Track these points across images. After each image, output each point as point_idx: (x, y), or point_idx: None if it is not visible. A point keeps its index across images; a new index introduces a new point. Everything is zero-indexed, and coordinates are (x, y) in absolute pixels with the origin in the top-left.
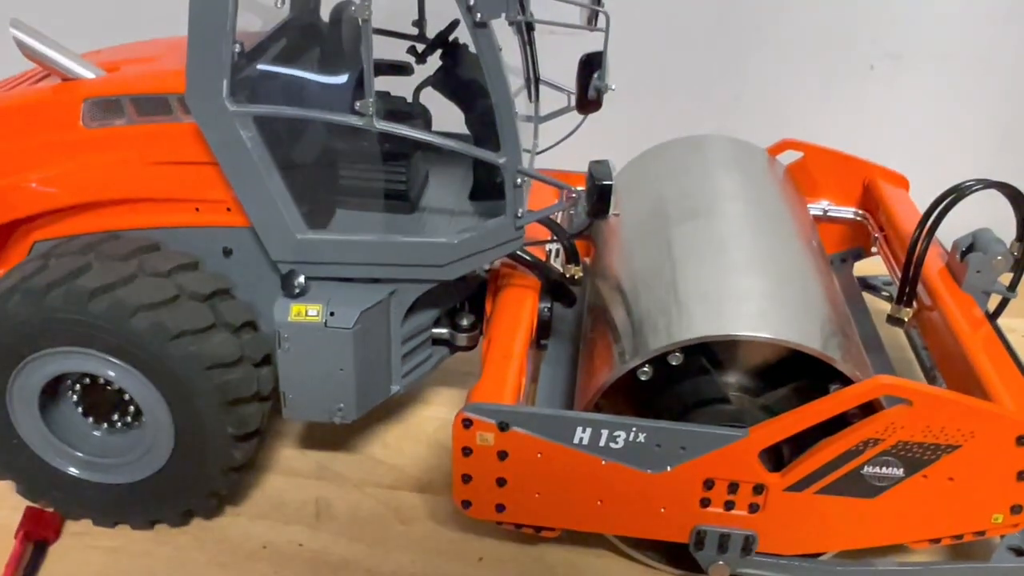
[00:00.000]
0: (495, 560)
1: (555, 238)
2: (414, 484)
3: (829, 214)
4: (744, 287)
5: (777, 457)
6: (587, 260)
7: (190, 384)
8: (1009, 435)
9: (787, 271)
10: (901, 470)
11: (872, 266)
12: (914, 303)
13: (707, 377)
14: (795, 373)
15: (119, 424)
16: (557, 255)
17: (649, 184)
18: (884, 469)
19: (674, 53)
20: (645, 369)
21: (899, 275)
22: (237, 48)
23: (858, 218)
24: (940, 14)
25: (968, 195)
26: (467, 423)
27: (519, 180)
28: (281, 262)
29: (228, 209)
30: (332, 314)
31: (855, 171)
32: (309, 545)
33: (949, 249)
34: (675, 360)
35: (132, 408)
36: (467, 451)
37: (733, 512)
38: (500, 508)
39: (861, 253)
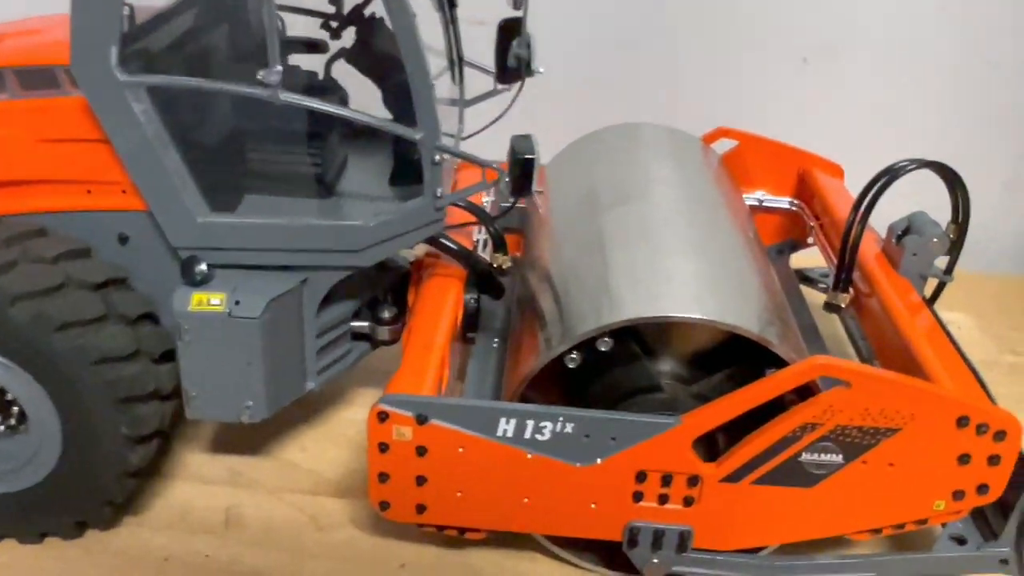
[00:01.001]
0: (418, 566)
1: (480, 224)
2: (333, 489)
3: (764, 204)
4: (676, 270)
5: (713, 449)
6: (517, 255)
7: (77, 380)
8: (949, 416)
9: (722, 255)
10: (840, 456)
11: (809, 259)
12: (851, 289)
13: (638, 364)
14: (730, 360)
15: (1, 428)
16: (485, 246)
17: (581, 172)
18: (823, 456)
19: (607, 43)
20: (573, 356)
21: (835, 263)
22: (126, 11)
23: (793, 208)
24: (871, 7)
25: (903, 175)
26: (383, 416)
27: (437, 157)
28: (181, 248)
29: (123, 191)
30: (237, 303)
31: (790, 160)
32: (216, 556)
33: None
34: (604, 346)
35: (15, 410)
36: (383, 447)
37: (667, 506)
38: (421, 509)
39: (797, 244)
